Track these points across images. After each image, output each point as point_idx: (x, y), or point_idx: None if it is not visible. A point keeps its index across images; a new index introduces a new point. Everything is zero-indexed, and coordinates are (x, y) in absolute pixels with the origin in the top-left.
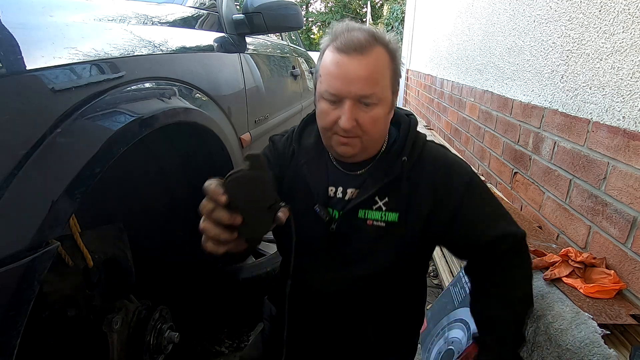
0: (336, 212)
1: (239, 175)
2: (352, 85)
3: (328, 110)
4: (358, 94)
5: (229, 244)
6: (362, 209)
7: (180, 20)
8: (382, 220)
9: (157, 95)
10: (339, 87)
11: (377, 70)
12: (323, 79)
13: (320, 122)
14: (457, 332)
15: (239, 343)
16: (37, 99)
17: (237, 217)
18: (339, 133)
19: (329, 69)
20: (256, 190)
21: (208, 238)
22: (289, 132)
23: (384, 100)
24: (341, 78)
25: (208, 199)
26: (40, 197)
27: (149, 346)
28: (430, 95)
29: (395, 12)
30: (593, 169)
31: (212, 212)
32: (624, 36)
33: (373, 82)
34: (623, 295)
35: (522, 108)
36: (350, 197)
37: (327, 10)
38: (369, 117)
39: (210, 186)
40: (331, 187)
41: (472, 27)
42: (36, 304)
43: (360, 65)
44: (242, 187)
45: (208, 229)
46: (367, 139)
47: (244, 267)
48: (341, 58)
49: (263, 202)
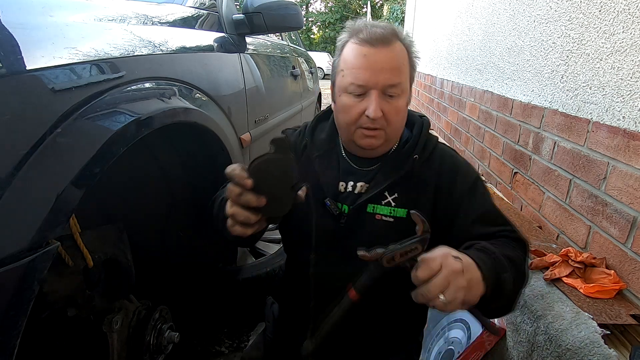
0: (345, 206)
1: (263, 159)
2: (380, 75)
3: (353, 103)
4: (386, 84)
5: (255, 225)
6: (371, 204)
7: (180, 20)
8: (390, 216)
9: (157, 95)
10: (367, 77)
11: (400, 62)
12: (347, 72)
13: (343, 116)
14: (457, 332)
15: (239, 343)
16: (37, 99)
17: (262, 198)
18: (363, 126)
19: (354, 62)
20: (279, 173)
21: (237, 222)
22: (301, 127)
23: (405, 91)
24: (369, 68)
25: (234, 184)
26: (40, 197)
27: (149, 346)
28: (430, 95)
29: (395, 12)
30: (593, 169)
31: (240, 196)
32: (624, 36)
33: (399, 72)
34: (623, 295)
35: (522, 108)
36: (360, 191)
37: (327, 10)
38: (393, 108)
39: (235, 171)
40: (342, 182)
41: (472, 27)
42: (36, 304)
43: (387, 56)
44: (266, 170)
45: (238, 213)
46: (390, 130)
47: (244, 267)
48: (367, 49)
49: (286, 183)
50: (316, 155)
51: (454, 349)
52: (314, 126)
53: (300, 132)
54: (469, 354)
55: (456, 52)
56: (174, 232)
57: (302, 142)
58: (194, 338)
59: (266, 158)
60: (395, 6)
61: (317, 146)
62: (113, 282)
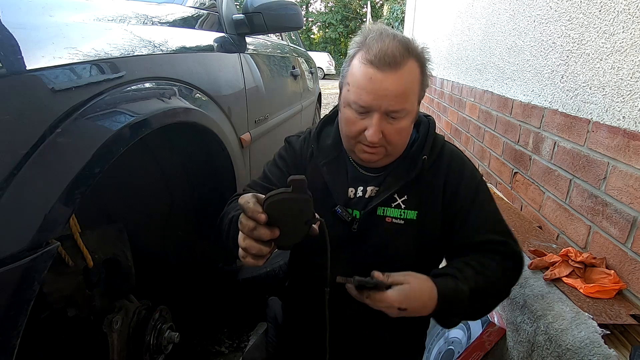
0: (356, 212)
1: (281, 197)
2: (383, 101)
3: (354, 119)
4: (387, 109)
5: (268, 256)
6: (381, 207)
7: (180, 20)
8: (401, 218)
9: (157, 95)
10: (369, 101)
11: (407, 86)
12: (352, 90)
13: (345, 129)
14: (457, 332)
15: (239, 343)
16: (37, 99)
17: (275, 231)
18: (363, 142)
19: (359, 82)
20: (295, 210)
21: (249, 254)
22: (305, 133)
23: (411, 112)
24: (373, 93)
25: (247, 218)
26: (41, 197)
27: (149, 346)
28: (430, 95)
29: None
30: (593, 169)
31: (253, 231)
32: (624, 36)
33: (403, 98)
34: (623, 295)
35: (522, 108)
36: (371, 195)
37: (327, 10)
38: (394, 129)
39: (249, 204)
40: (351, 188)
41: (472, 27)
42: (36, 304)
43: (392, 83)
44: (282, 207)
45: (251, 247)
46: (392, 148)
47: (244, 267)
48: (374, 73)
49: (300, 219)
50: (323, 162)
51: (454, 349)
52: (318, 132)
53: (305, 139)
54: (469, 354)
55: (456, 52)
56: (174, 232)
57: (309, 150)
58: (194, 338)
59: (283, 197)
60: (395, 6)
61: (324, 153)
62: (113, 282)
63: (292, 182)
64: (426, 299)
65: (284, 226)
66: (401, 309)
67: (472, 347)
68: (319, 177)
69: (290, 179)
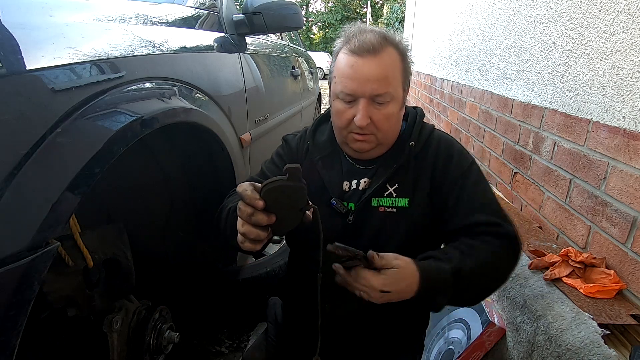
0: (351, 204)
1: (277, 185)
2: (366, 86)
3: (343, 109)
4: (372, 94)
5: (265, 241)
6: (375, 197)
7: (180, 20)
8: (392, 206)
9: (157, 95)
10: (354, 87)
11: (388, 70)
12: (338, 80)
13: (336, 120)
14: (457, 332)
15: (239, 343)
16: (37, 99)
17: (272, 217)
18: (354, 131)
19: (343, 71)
20: (290, 197)
21: (247, 239)
22: (301, 132)
23: (396, 97)
24: (356, 79)
25: (246, 204)
26: (40, 197)
27: (149, 346)
28: (430, 95)
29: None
30: (593, 169)
31: (251, 216)
32: (624, 36)
33: (386, 82)
34: (623, 295)
35: (522, 108)
36: (365, 187)
37: (327, 10)
38: (382, 114)
39: (247, 192)
40: (346, 181)
41: (472, 27)
42: (36, 304)
43: (373, 66)
44: (278, 194)
45: (249, 232)
46: (381, 135)
47: (244, 268)
48: (355, 60)
49: (295, 206)
50: (318, 157)
51: (454, 349)
52: (314, 129)
53: (301, 137)
54: (469, 354)
55: (456, 52)
56: (174, 232)
57: (304, 146)
58: (194, 338)
59: (279, 184)
60: (395, 6)
61: (319, 148)
62: (113, 282)
63: (288, 170)
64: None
65: (280, 212)
66: (384, 291)
67: (472, 347)
68: (315, 171)
69: (287, 167)
